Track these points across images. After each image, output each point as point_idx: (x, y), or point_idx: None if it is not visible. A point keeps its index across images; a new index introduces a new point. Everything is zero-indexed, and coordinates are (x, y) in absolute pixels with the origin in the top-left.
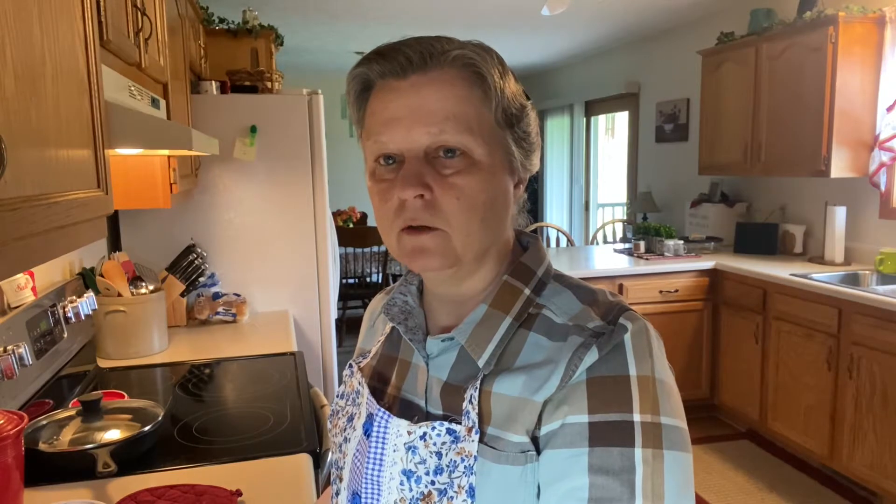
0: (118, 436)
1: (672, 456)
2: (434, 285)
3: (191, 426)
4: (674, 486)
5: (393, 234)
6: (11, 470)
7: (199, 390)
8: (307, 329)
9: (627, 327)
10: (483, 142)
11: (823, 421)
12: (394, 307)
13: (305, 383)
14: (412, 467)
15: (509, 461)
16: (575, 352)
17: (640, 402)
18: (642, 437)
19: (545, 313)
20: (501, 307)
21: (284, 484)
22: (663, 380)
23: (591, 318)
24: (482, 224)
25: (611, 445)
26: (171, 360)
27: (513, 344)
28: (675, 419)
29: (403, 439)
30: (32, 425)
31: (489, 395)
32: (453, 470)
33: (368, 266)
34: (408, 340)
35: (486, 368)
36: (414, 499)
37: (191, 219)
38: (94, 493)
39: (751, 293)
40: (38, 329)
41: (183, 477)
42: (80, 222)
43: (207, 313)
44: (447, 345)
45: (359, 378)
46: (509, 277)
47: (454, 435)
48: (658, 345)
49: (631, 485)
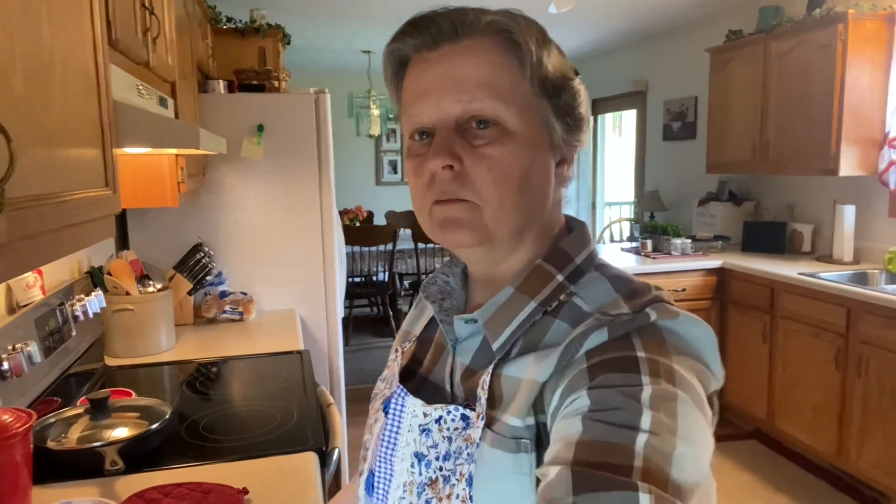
0: (126, 434)
1: (688, 400)
2: (471, 266)
3: (198, 424)
4: (691, 419)
5: (425, 209)
6: (20, 467)
7: (207, 388)
8: (314, 328)
9: (650, 317)
10: (517, 111)
11: (831, 421)
12: (432, 286)
13: (312, 382)
14: (424, 450)
15: (501, 446)
16: (583, 331)
17: (649, 368)
18: (648, 367)
19: (575, 301)
20: (528, 291)
21: (291, 482)
22: (683, 376)
23: (619, 307)
24: (516, 198)
25: (614, 372)
26: (178, 358)
27: (536, 331)
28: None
29: (419, 420)
30: (41, 423)
31: (500, 379)
32: (458, 456)
33: (375, 265)
34: (439, 321)
35: (499, 353)
36: (422, 483)
37: (198, 218)
38: (102, 490)
39: (759, 292)
40: (46, 327)
41: (190, 475)
42: (88, 221)
43: (214, 312)
44: (473, 328)
45: (400, 362)
46: (542, 262)
47: (467, 421)
48: (692, 348)
49: (636, 398)
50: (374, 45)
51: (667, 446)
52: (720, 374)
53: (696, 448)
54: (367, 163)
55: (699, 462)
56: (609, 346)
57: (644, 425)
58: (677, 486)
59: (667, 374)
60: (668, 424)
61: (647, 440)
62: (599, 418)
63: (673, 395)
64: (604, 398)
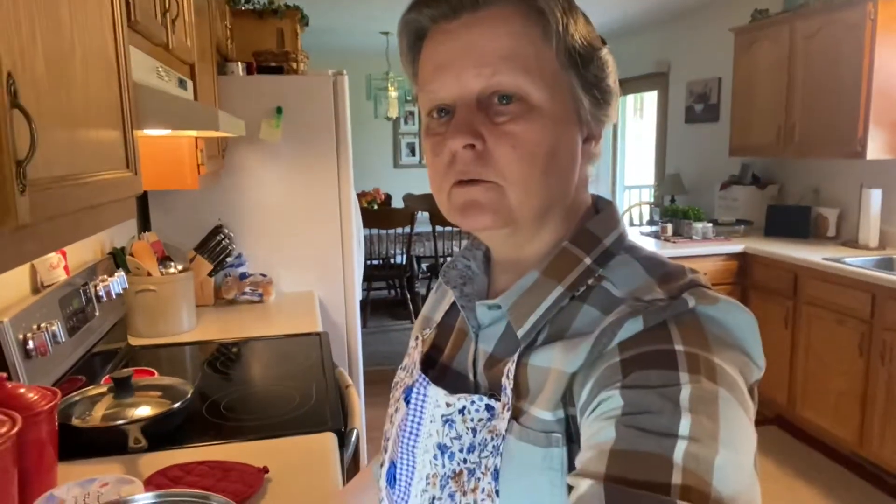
0: (149, 412)
1: (729, 398)
2: (493, 249)
3: (219, 404)
4: (734, 422)
5: (444, 191)
6: (45, 444)
7: (227, 369)
8: (332, 310)
9: (689, 303)
10: (543, 84)
11: (854, 408)
12: (453, 270)
13: (331, 363)
14: (447, 442)
15: (530, 440)
16: (617, 319)
17: (688, 364)
18: (687, 363)
19: (604, 285)
20: (554, 275)
21: (310, 462)
22: (725, 371)
23: (653, 292)
24: (542, 178)
25: (650, 368)
26: (199, 338)
27: (563, 317)
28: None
29: (441, 411)
30: (66, 401)
31: (526, 368)
32: (483, 449)
33: (393, 247)
34: (460, 307)
35: (524, 340)
36: (445, 476)
37: (218, 200)
38: (126, 467)
39: (781, 277)
40: (70, 307)
41: (211, 453)
42: (109, 202)
43: (235, 293)
44: (497, 314)
45: (420, 350)
46: (569, 244)
47: (492, 412)
48: (734, 337)
49: (674, 400)
50: (392, 25)
51: (708, 454)
52: (762, 363)
53: (739, 452)
54: (384, 145)
55: (743, 467)
56: (644, 338)
57: (683, 431)
58: (719, 498)
59: (707, 370)
60: (710, 429)
61: (687, 448)
62: (634, 424)
63: (714, 395)
64: (638, 400)
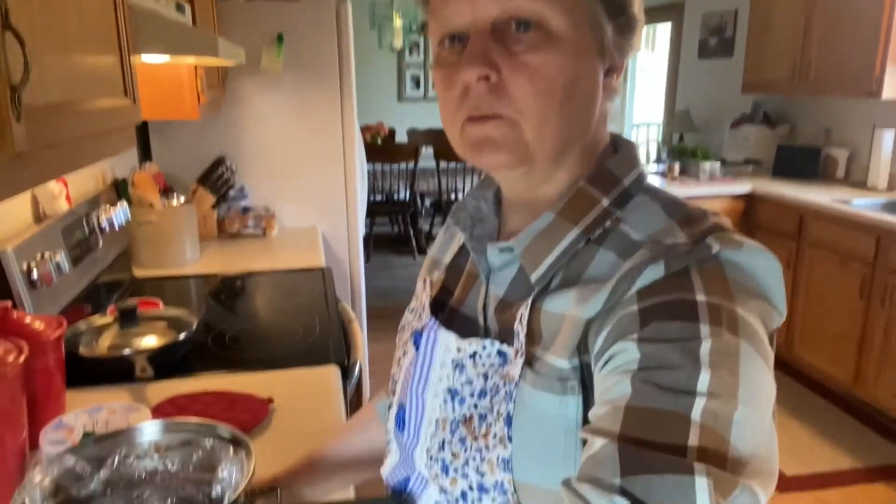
0: (154, 343)
1: (751, 351)
2: (506, 188)
3: (224, 335)
4: (754, 376)
5: (456, 126)
6: (53, 372)
7: (231, 301)
8: (335, 245)
9: (712, 248)
10: (563, 10)
11: (851, 349)
12: (462, 211)
13: (334, 298)
14: (458, 387)
15: (545, 387)
16: (636, 264)
17: (709, 316)
18: (709, 315)
19: (622, 228)
20: (570, 217)
21: (314, 393)
22: (747, 322)
23: (675, 236)
24: (560, 112)
25: (668, 320)
26: (203, 271)
27: (578, 261)
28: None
29: (452, 355)
30: (72, 330)
31: (539, 314)
32: (495, 394)
33: (396, 183)
34: (470, 249)
35: (538, 284)
36: (455, 420)
37: (219, 131)
38: (133, 395)
39: (787, 219)
40: (73, 237)
41: (217, 383)
42: (108, 131)
43: (237, 227)
44: (508, 257)
45: (428, 292)
46: (586, 184)
47: (504, 357)
48: (757, 284)
49: (693, 354)
50: None
51: (727, 410)
52: (784, 309)
53: (758, 407)
54: (389, 78)
55: (761, 422)
56: (664, 286)
57: (702, 387)
58: (737, 457)
59: (729, 322)
60: (730, 384)
61: (706, 405)
62: (651, 379)
63: (735, 348)
64: (657, 354)
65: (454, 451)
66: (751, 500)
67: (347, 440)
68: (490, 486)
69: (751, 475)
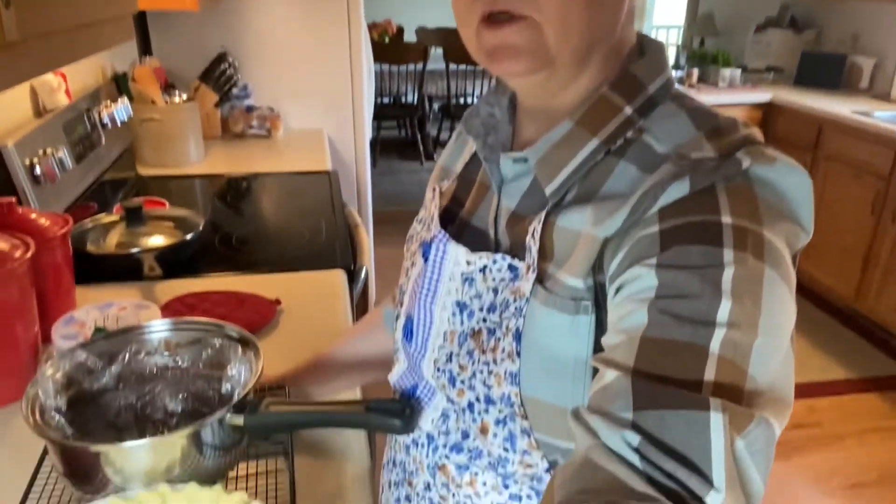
0: (162, 242)
1: (775, 277)
2: (522, 95)
3: (231, 236)
4: (777, 305)
5: (471, 27)
6: (62, 268)
7: (237, 203)
8: (341, 148)
9: (742, 163)
10: None
11: (856, 264)
12: (475, 118)
13: (340, 202)
14: (467, 300)
15: (557, 307)
16: (659, 181)
17: (734, 240)
18: (734, 239)
19: (645, 139)
20: (590, 126)
21: (321, 296)
22: (773, 246)
23: (702, 149)
24: (585, 12)
25: (690, 244)
26: (208, 171)
27: (596, 173)
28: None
29: (461, 269)
30: (79, 228)
31: (552, 229)
32: (504, 309)
33: (404, 85)
34: (482, 159)
35: (553, 198)
36: (464, 333)
37: (220, 25)
38: (142, 293)
39: (804, 130)
40: (75, 133)
41: (224, 284)
42: (104, 21)
43: (242, 126)
44: (522, 168)
45: (437, 202)
46: (609, 90)
47: (515, 272)
48: (787, 204)
49: (714, 282)
50: None
51: (747, 340)
52: (811, 229)
53: (778, 336)
54: None
55: (781, 349)
56: (688, 205)
57: (722, 317)
58: (754, 388)
59: (754, 247)
60: (751, 313)
61: (725, 336)
62: (669, 309)
63: (759, 275)
64: (676, 281)
65: (462, 364)
66: (766, 433)
67: (354, 343)
68: (497, 399)
69: (767, 405)
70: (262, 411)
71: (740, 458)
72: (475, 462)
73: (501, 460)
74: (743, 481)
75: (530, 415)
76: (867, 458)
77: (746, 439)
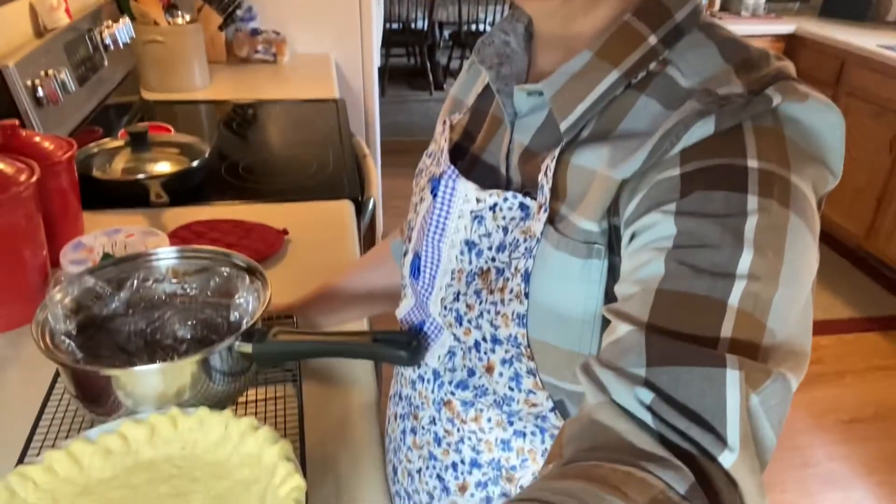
0: (168, 168)
1: (799, 225)
2: (539, 22)
3: (237, 165)
4: (799, 255)
5: None
6: (68, 193)
7: (244, 130)
8: (349, 75)
9: (773, 100)
10: None
11: (869, 203)
12: (488, 47)
13: (348, 131)
14: (475, 239)
15: (569, 250)
16: (682, 119)
17: (759, 186)
18: (759, 185)
19: (669, 72)
20: (610, 57)
21: (328, 227)
22: (799, 192)
23: (730, 84)
24: None
25: (713, 189)
26: (213, 97)
27: (615, 108)
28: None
29: (471, 206)
30: (84, 152)
31: (567, 168)
32: (514, 249)
33: (413, 10)
34: (495, 91)
35: (568, 134)
36: (472, 272)
37: None
38: (149, 220)
39: (827, 64)
40: (77, 54)
41: (231, 212)
42: None
43: (247, 51)
44: (537, 102)
45: (447, 136)
46: (632, 17)
47: (526, 211)
48: (816, 145)
49: (736, 231)
50: None
51: (767, 292)
52: (840, 172)
53: (799, 286)
54: None
55: (801, 298)
56: (712, 146)
57: (742, 269)
58: (772, 341)
59: (780, 193)
60: (772, 265)
61: (745, 289)
62: (687, 260)
63: (783, 223)
64: (695, 230)
65: (469, 303)
66: (782, 388)
67: (361, 275)
68: (503, 339)
69: (785, 359)
70: (271, 340)
71: (754, 415)
72: (480, 399)
73: (507, 399)
74: (756, 438)
75: (537, 356)
76: (866, 395)
77: (761, 395)
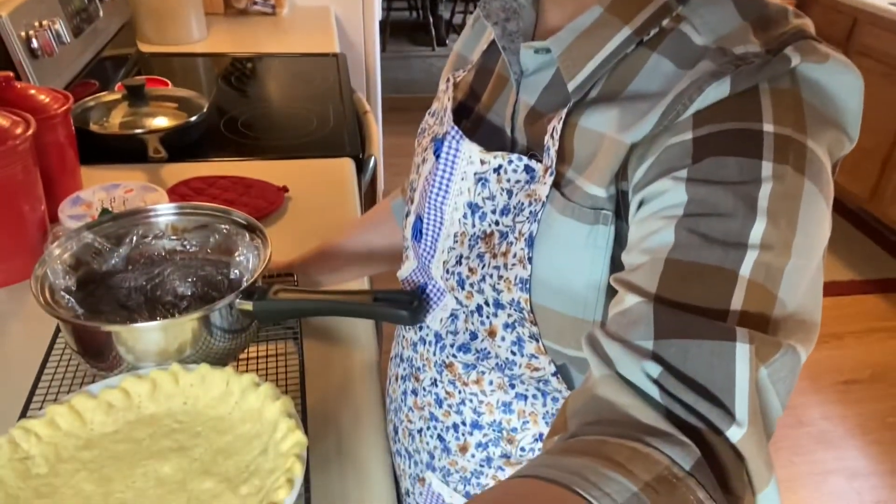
0: (166, 123)
1: (814, 192)
2: None
3: (236, 120)
4: (813, 223)
5: None
6: (65, 147)
7: (242, 85)
8: (350, 29)
9: (791, 61)
10: None
11: (874, 166)
12: (494, 1)
13: (348, 87)
14: (479, 201)
15: (574, 215)
16: (696, 80)
17: (775, 151)
18: (774, 150)
19: (683, 28)
20: (621, 13)
21: (329, 185)
22: (815, 157)
23: (746, 42)
24: None
25: (726, 155)
26: (211, 50)
27: (625, 67)
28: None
29: (475, 168)
30: (81, 105)
31: (574, 130)
32: (518, 213)
33: None
34: (501, 48)
35: (576, 94)
36: (475, 236)
37: None
38: (147, 175)
39: (838, 22)
40: (71, 5)
41: (230, 169)
42: None
43: (245, 2)
44: (544, 60)
45: (450, 94)
46: None
47: (532, 174)
48: (834, 108)
49: (749, 199)
50: None
51: (779, 262)
52: (857, 136)
53: (811, 255)
54: None
55: (812, 266)
56: (727, 109)
57: (755, 238)
58: (783, 312)
59: (796, 158)
60: (785, 234)
61: (757, 259)
62: (698, 229)
63: (798, 190)
64: (707, 198)
65: (471, 267)
66: (792, 360)
67: (362, 234)
68: (506, 304)
69: (795, 329)
70: (271, 297)
71: (763, 388)
72: (482, 362)
73: (508, 363)
74: (764, 411)
75: (540, 322)
76: (863, 357)
77: (771, 368)
